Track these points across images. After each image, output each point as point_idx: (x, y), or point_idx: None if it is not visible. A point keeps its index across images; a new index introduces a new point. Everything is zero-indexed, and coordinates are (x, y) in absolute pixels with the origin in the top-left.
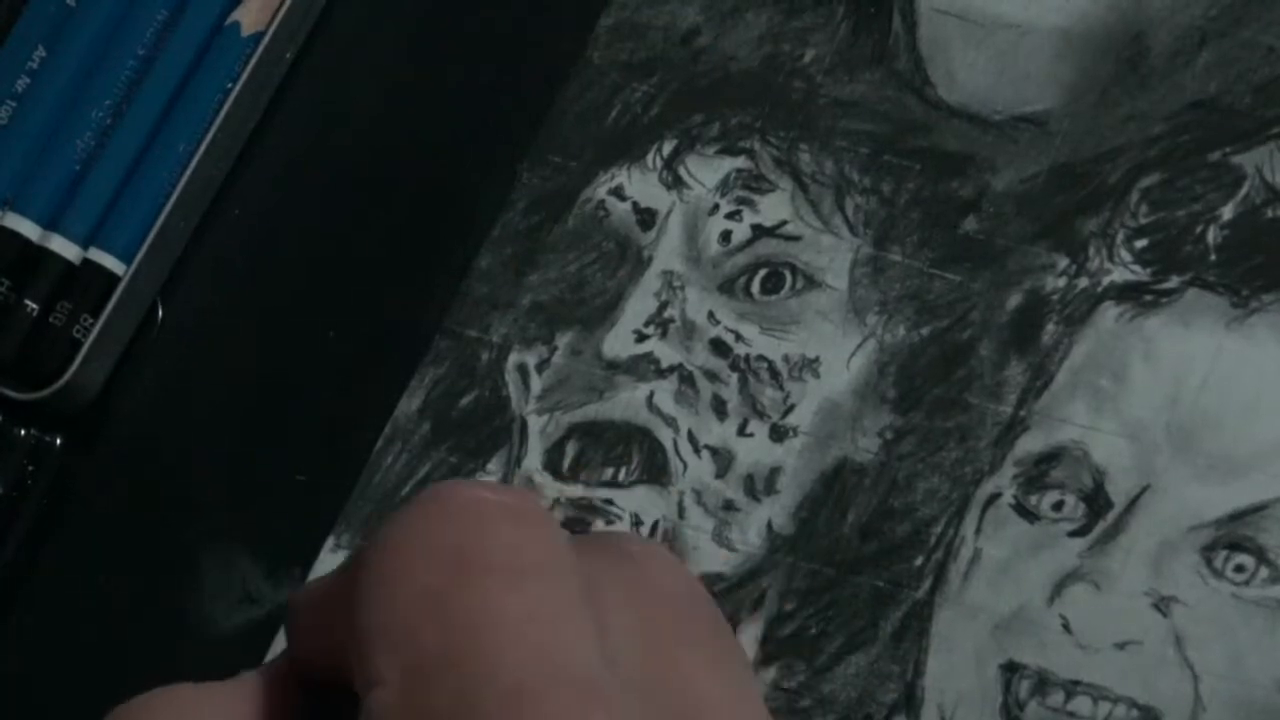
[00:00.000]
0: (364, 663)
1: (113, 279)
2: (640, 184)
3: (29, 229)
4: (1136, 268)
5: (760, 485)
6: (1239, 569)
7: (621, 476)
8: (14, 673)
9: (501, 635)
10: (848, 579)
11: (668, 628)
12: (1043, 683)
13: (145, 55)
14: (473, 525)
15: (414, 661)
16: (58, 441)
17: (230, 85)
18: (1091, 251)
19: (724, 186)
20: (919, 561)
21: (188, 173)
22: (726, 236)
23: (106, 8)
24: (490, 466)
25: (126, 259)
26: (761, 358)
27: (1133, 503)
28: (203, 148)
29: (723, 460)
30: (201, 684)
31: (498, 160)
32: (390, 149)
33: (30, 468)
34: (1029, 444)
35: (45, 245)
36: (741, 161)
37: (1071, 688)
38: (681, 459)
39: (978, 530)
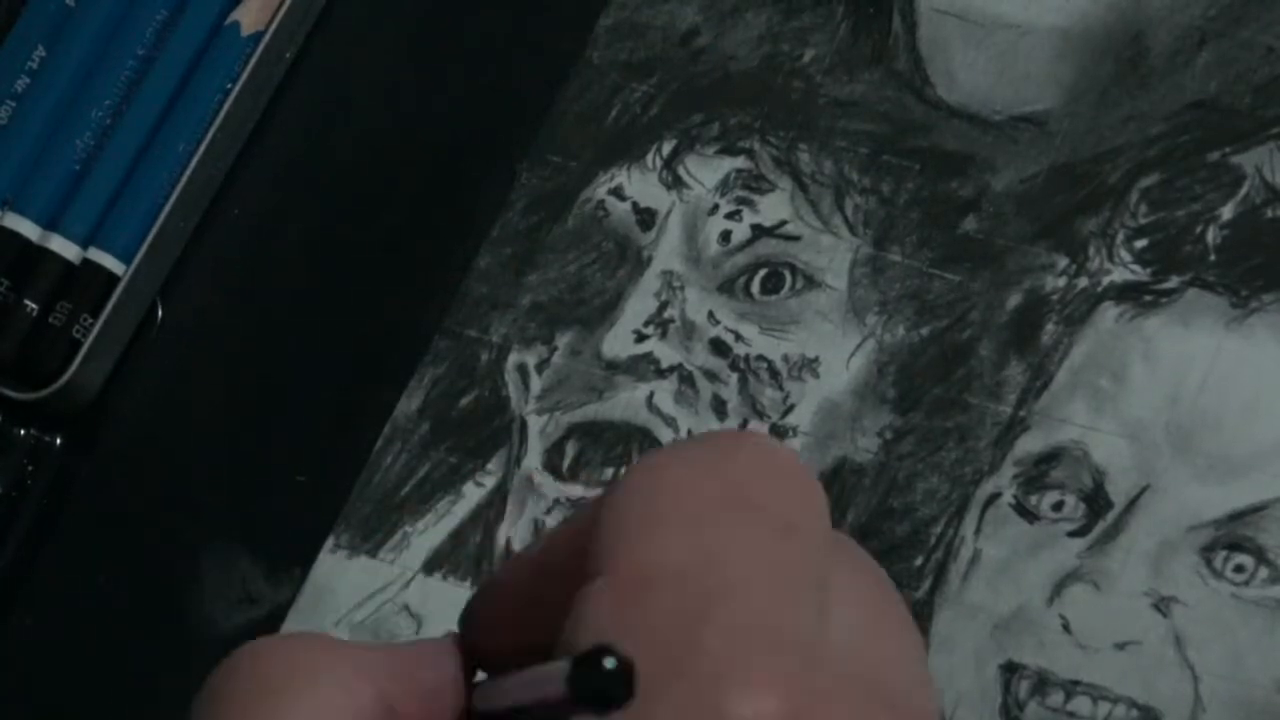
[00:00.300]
0: (596, 552)
1: (112, 279)
2: (640, 184)
3: (29, 229)
4: (1136, 268)
5: None
6: (1239, 569)
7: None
8: (14, 672)
9: (745, 580)
10: None
11: (879, 615)
12: (1042, 683)
13: (145, 55)
14: (764, 468)
15: (648, 567)
16: (58, 441)
17: (230, 85)
18: (1091, 251)
19: (724, 186)
20: (919, 561)
21: (187, 173)
22: (726, 236)
23: (106, 7)
24: (490, 466)
25: (126, 259)
26: (761, 358)
27: (1132, 503)
28: (202, 148)
29: None
30: (352, 642)
31: (498, 160)
32: (390, 149)
33: (30, 467)
34: (1029, 444)
35: (45, 245)
36: (741, 161)
37: (1071, 688)
38: None
39: (977, 530)
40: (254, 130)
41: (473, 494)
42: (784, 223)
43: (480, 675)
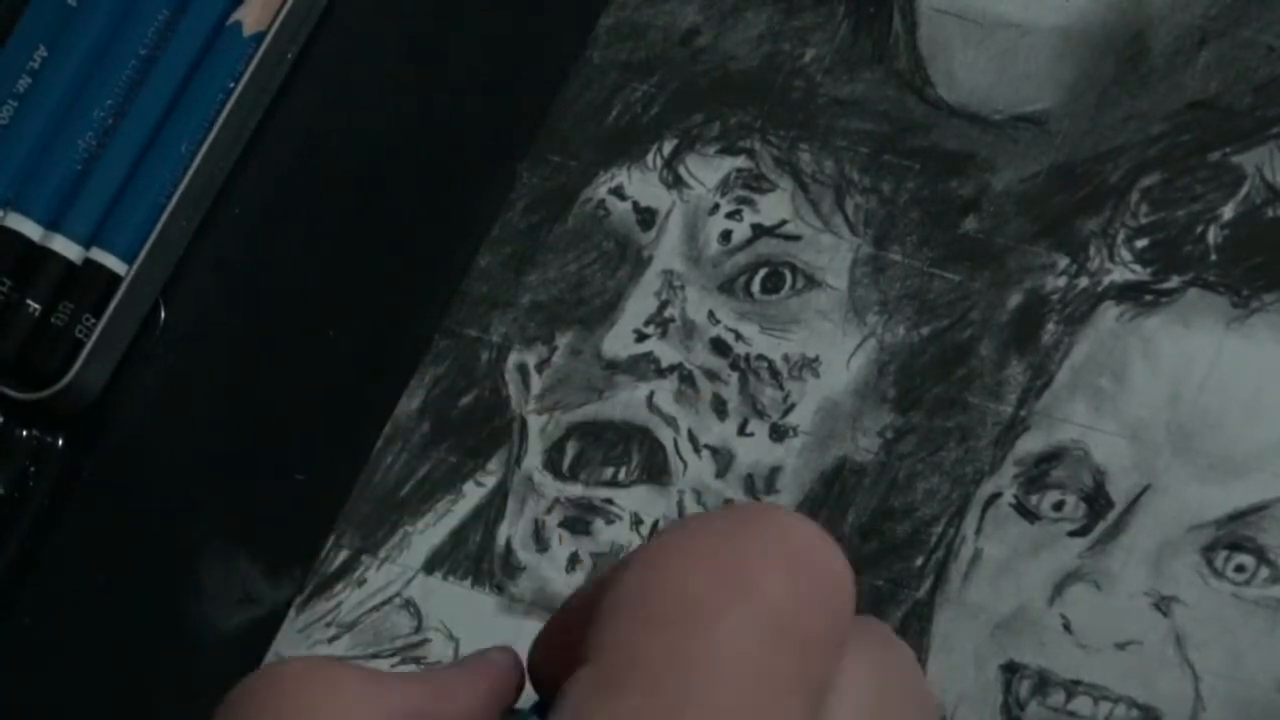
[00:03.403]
0: (588, 638)
1: (114, 279)
2: (640, 183)
3: (31, 229)
4: (1137, 267)
5: (760, 485)
6: (1239, 569)
7: (621, 476)
8: (14, 672)
9: (723, 683)
10: None
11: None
12: (1043, 682)
13: (147, 55)
14: (773, 548)
15: (627, 663)
16: (59, 441)
17: (232, 85)
18: (1092, 251)
19: (724, 186)
20: (919, 561)
21: (189, 173)
22: (727, 236)
23: (107, 7)
24: (490, 466)
25: (128, 259)
26: (761, 357)
27: (1133, 502)
28: (204, 148)
29: (723, 460)
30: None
31: (498, 160)
32: (390, 149)
33: (32, 468)
34: (1029, 444)
35: (47, 245)
36: (741, 161)
37: (1072, 687)
38: (681, 458)
39: (978, 530)
40: (256, 130)
41: (473, 493)
42: (784, 222)
43: (527, 694)
